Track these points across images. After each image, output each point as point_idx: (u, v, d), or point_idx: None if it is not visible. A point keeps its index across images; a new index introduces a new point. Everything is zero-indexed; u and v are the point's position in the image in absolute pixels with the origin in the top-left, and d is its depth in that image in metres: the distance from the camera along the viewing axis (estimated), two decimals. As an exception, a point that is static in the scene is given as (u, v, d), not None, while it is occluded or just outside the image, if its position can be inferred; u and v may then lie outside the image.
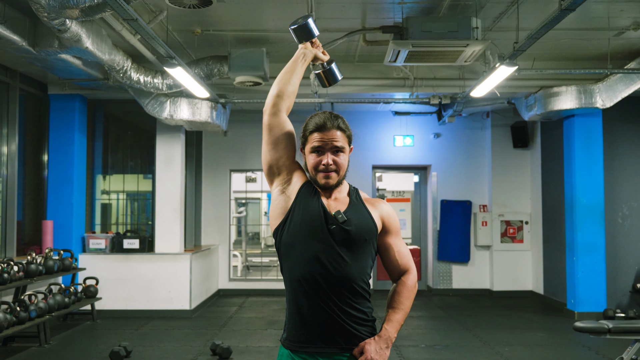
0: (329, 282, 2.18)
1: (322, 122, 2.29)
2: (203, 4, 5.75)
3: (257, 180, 12.94)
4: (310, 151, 2.30)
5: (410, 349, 6.71)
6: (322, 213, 2.24)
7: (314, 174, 2.29)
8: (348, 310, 2.20)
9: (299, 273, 2.21)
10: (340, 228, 2.21)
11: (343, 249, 2.21)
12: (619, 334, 4.43)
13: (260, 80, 7.29)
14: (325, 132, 2.28)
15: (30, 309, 6.43)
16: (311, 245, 2.20)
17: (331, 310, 2.18)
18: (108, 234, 8.91)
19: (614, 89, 7.89)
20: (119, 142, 10.27)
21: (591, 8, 6.15)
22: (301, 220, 2.24)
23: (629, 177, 9.08)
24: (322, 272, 2.18)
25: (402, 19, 6.19)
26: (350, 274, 2.20)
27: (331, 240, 2.20)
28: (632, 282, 8.86)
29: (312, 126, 2.31)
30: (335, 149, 2.27)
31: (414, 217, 12.04)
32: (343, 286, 2.19)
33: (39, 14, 4.83)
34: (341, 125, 2.30)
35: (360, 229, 2.24)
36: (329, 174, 2.27)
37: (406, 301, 2.32)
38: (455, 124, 10.66)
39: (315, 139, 2.28)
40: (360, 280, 2.22)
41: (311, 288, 2.19)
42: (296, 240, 2.23)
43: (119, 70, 6.71)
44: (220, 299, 10.34)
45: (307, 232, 2.22)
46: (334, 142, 2.27)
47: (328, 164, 2.26)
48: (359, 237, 2.23)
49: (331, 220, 2.22)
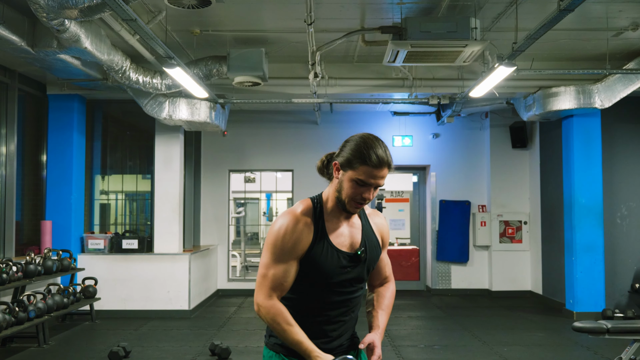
0: (337, 305, 2.25)
1: (384, 160, 2.11)
2: (202, 4, 5.75)
3: (256, 180, 12.94)
4: (355, 182, 2.12)
5: (409, 349, 6.71)
6: (341, 257, 2.21)
7: (347, 201, 2.15)
8: (349, 318, 2.30)
9: (311, 298, 2.24)
10: (361, 265, 2.25)
11: (355, 282, 2.26)
12: (617, 334, 4.43)
13: (259, 81, 7.29)
14: (379, 170, 2.11)
15: (29, 309, 6.42)
16: (327, 285, 2.21)
17: (333, 320, 2.24)
18: (107, 234, 8.91)
19: (613, 89, 7.89)
20: (118, 143, 10.26)
21: (590, 8, 6.15)
22: (319, 256, 2.17)
23: (627, 177, 9.09)
24: (334, 301, 2.24)
25: (401, 19, 6.18)
26: (355, 297, 2.29)
27: (350, 280, 2.24)
28: (630, 282, 8.87)
29: (373, 160, 2.09)
30: (377, 187, 2.18)
31: (413, 218, 12.05)
32: (349, 305, 2.28)
33: (38, 14, 4.83)
34: (390, 163, 2.16)
35: (372, 259, 2.29)
36: (362, 206, 2.18)
37: (391, 305, 2.43)
38: (454, 124, 10.66)
39: (367, 174, 2.10)
40: (359, 300, 2.33)
41: (319, 307, 2.24)
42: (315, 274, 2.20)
43: (117, 70, 6.71)
44: (219, 299, 10.34)
45: (328, 273, 2.19)
46: (381, 182, 2.15)
47: (370, 199, 2.17)
48: (371, 265, 2.31)
49: (352, 260, 2.22)
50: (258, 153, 10.97)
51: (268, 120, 10.88)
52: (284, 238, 2.13)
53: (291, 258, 2.14)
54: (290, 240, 2.13)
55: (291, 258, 2.14)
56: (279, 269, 2.13)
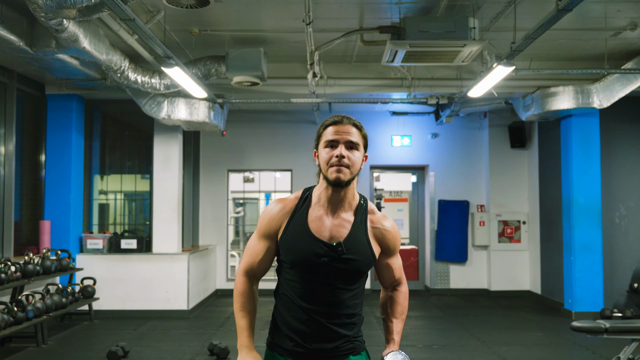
0: (321, 305, 2.23)
1: (338, 118, 2.24)
2: (200, 4, 5.75)
3: (254, 180, 12.93)
4: (324, 146, 2.21)
5: (408, 349, 6.71)
6: (318, 243, 2.21)
7: (326, 170, 2.19)
8: (338, 326, 2.25)
9: (293, 292, 2.25)
10: (339, 260, 2.20)
11: (339, 280, 2.22)
12: (615, 334, 4.43)
13: (258, 81, 7.29)
14: (340, 125, 2.21)
15: (28, 309, 6.42)
16: (308, 274, 2.22)
17: (312, 318, 2.22)
18: (105, 234, 8.90)
19: (611, 89, 7.90)
20: (117, 142, 10.26)
21: (588, 8, 6.16)
22: (294, 241, 2.24)
23: (626, 177, 9.10)
24: (316, 299, 2.22)
25: (400, 19, 6.19)
26: (344, 298, 2.25)
27: (328, 272, 2.21)
28: (629, 282, 8.87)
29: (327, 121, 2.26)
30: (350, 144, 2.19)
31: (412, 217, 12.04)
32: (331, 305, 2.23)
33: (37, 14, 4.82)
34: (357, 123, 2.26)
35: (357, 259, 2.23)
36: (341, 168, 2.16)
37: (405, 311, 2.43)
38: (452, 124, 10.66)
39: (330, 133, 2.21)
40: (352, 302, 2.27)
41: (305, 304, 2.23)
42: (292, 260, 2.25)
43: (116, 70, 6.71)
44: (217, 299, 10.33)
45: (302, 259, 2.21)
46: (349, 137, 2.19)
47: (341, 155, 2.16)
48: (357, 267, 2.24)
49: (329, 250, 2.20)
50: (257, 153, 10.96)
51: (267, 120, 10.88)
52: (261, 219, 2.32)
53: (264, 238, 2.29)
54: (263, 220, 2.30)
55: (264, 238, 2.29)
56: (252, 246, 2.32)
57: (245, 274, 2.32)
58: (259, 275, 2.33)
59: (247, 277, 2.32)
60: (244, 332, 2.27)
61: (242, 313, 2.28)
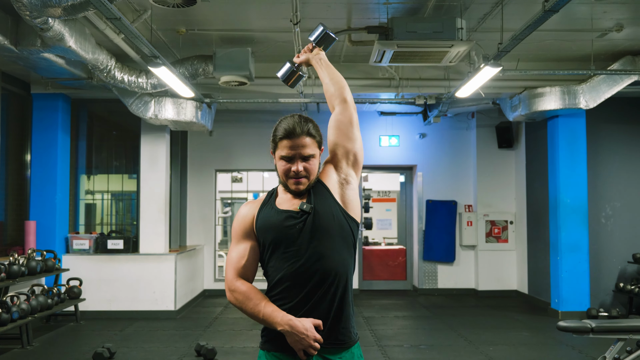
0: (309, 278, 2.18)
1: (291, 129, 2.21)
2: (187, 3, 5.72)
3: (242, 180, 12.89)
4: (280, 158, 2.25)
5: (395, 349, 6.72)
6: (285, 216, 2.24)
7: (285, 180, 2.26)
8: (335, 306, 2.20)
9: (281, 274, 2.21)
10: (312, 216, 2.21)
11: (322, 241, 2.20)
12: (601, 333, 4.45)
13: (245, 80, 7.27)
14: (294, 139, 2.21)
15: (13, 310, 6.36)
16: (288, 248, 2.22)
17: (317, 307, 2.17)
18: (92, 235, 8.83)
19: (598, 90, 7.95)
20: (103, 142, 10.19)
21: (575, 9, 6.20)
22: (267, 221, 2.26)
23: (612, 177, 9.16)
24: (301, 270, 2.18)
25: (387, 19, 6.19)
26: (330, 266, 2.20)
27: (309, 238, 2.19)
28: (615, 282, 8.93)
29: (281, 132, 2.23)
30: (305, 157, 2.23)
31: (400, 217, 12.07)
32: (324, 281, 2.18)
33: (21, 12, 4.77)
34: (311, 132, 2.25)
35: (325, 216, 2.23)
36: (300, 180, 2.23)
37: (337, 75, 2.62)
38: (440, 124, 10.69)
39: (285, 147, 2.22)
40: (343, 269, 2.23)
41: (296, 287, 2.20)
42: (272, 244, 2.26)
43: (102, 69, 6.66)
44: (205, 300, 10.29)
45: (279, 233, 2.23)
46: (304, 151, 2.22)
47: (298, 171, 2.22)
48: (330, 215, 2.24)
49: (298, 214, 2.22)
50: (245, 153, 10.93)
51: (255, 119, 10.85)
52: (233, 227, 2.33)
53: (242, 238, 2.29)
54: (236, 224, 2.31)
55: (242, 238, 2.29)
56: (234, 251, 2.29)
57: (237, 279, 2.25)
58: (250, 276, 2.29)
59: (241, 279, 2.26)
60: (278, 312, 2.15)
61: (261, 303, 2.18)
